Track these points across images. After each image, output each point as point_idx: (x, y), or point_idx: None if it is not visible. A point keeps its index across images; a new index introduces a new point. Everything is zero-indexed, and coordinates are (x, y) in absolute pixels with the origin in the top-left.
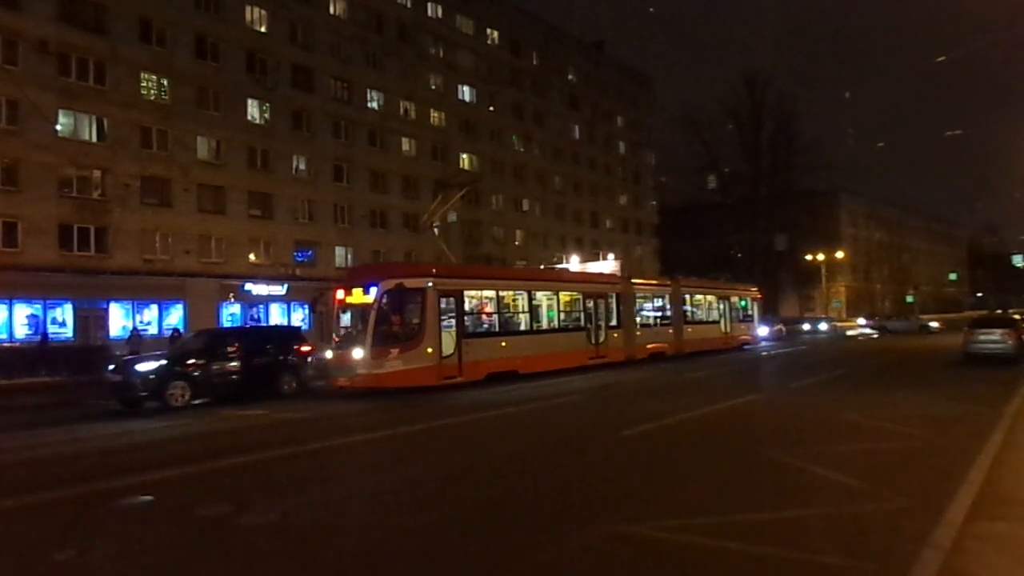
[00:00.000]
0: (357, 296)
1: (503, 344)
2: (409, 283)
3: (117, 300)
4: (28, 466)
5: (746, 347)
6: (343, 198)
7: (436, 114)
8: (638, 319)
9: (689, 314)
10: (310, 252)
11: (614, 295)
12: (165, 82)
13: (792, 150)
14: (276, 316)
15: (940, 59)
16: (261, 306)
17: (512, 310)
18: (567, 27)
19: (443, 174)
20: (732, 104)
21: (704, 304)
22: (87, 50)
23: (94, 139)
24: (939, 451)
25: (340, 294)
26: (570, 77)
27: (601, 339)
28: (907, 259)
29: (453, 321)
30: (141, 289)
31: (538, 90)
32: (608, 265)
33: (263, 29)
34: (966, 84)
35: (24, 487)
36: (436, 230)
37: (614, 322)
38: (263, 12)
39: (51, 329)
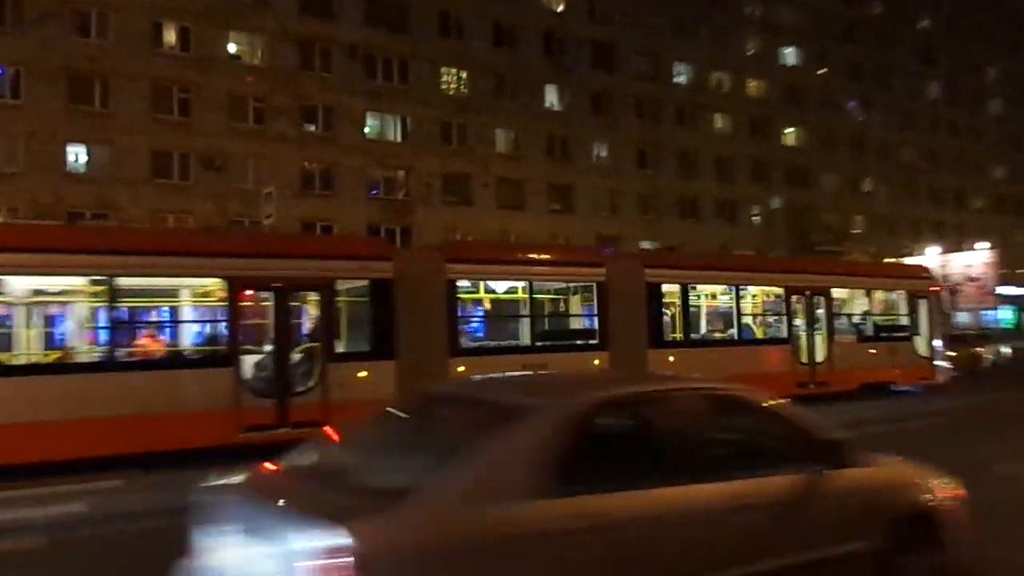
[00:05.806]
0: None
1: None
2: None
3: None
4: None
5: (899, 388)
6: (648, 186)
7: (754, 83)
8: (466, 342)
9: (676, 324)
10: (611, 248)
11: (376, 287)
12: (463, 75)
13: None
14: None
15: None
16: None
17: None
18: None
19: None
20: None
21: (720, 304)
22: (391, 50)
23: (398, 139)
24: None
25: None
26: (924, 23)
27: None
28: None
29: None
30: None
31: (881, 44)
32: (979, 256)
33: (560, 8)
34: None
35: None
36: None
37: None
38: None
39: None
